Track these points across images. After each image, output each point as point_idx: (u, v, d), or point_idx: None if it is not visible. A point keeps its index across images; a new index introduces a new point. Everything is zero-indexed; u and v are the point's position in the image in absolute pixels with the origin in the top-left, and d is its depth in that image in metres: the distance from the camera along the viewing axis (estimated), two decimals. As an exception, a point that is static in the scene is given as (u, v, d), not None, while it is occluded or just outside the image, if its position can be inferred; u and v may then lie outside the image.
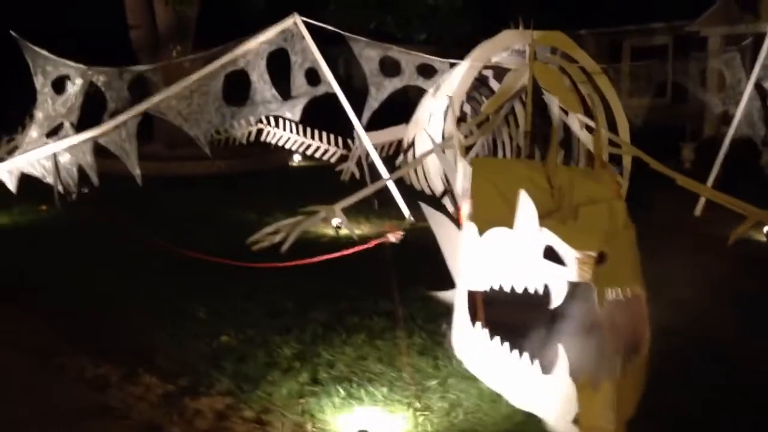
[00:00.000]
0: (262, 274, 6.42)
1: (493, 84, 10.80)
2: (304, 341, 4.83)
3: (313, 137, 15.90)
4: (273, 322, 5.25)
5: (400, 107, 11.89)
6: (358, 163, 11.56)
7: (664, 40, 20.86)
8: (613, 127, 9.51)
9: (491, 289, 4.06)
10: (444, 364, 4.39)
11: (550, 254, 3.72)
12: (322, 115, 11.64)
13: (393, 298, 5.59)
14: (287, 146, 15.76)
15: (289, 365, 4.41)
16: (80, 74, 10.85)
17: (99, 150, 10.07)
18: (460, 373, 4.24)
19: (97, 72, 11.01)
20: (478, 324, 4.09)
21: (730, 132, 10.41)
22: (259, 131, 15.97)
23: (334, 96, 10.20)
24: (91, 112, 10.96)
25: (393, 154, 16.44)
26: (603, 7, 20.57)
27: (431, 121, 10.30)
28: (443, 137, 10.07)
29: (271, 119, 15.13)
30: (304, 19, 9.77)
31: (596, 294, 3.49)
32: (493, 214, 4.38)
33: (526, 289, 3.89)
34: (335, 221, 8.56)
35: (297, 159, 18.06)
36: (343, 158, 15.93)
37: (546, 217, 4.16)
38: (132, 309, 5.64)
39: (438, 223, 5.77)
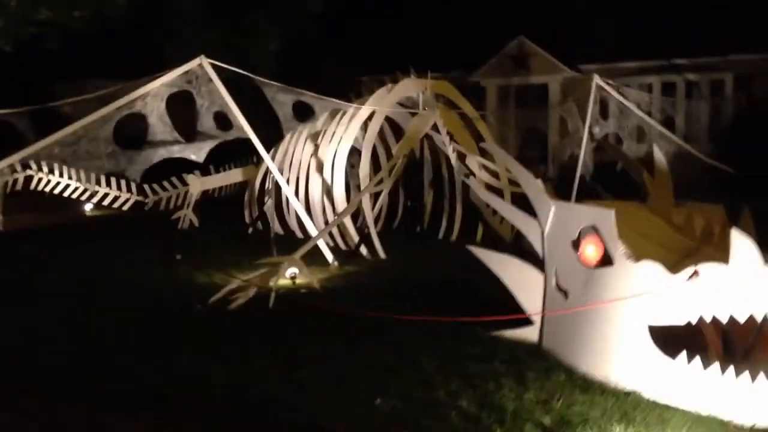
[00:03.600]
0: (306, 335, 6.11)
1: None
2: (468, 395, 4.68)
3: (99, 183, 14.67)
4: (396, 381, 4.97)
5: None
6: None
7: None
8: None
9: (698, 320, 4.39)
10: (623, 398, 4.58)
11: None
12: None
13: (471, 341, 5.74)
14: (66, 194, 14.39)
15: (497, 418, 4.28)
16: None
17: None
18: (649, 403, 4.48)
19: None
20: (683, 355, 4.39)
21: (579, 169, 11.97)
22: (28, 179, 14.39)
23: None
24: None
25: (224, 196, 15.82)
26: (382, 55, 21.91)
27: (329, 167, 10.26)
28: (357, 183, 10.16)
29: (44, 165, 13.79)
30: (211, 61, 9.19)
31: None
32: (644, 253, 4.77)
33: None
34: (290, 271, 8.18)
35: (89, 208, 16.52)
36: (137, 205, 14.93)
37: (688, 254, 4.67)
38: (215, 380, 4.96)
39: (505, 264, 5.97)
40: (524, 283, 5.79)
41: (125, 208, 15.14)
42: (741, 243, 4.19)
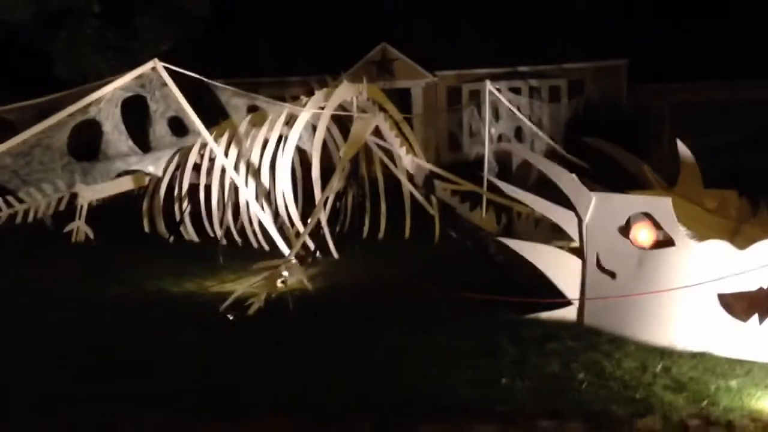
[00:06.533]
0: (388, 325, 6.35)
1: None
2: (578, 369, 5.21)
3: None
4: (497, 363, 5.38)
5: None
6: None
7: (299, 92, 22.93)
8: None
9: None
10: (701, 358, 5.35)
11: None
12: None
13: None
14: None
15: (623, 384, 4.87)
16: None
17: None
18: (723, 359, 5.31)
19: None
20: (755, 317, 5.28)
21: (486, 167, 12.93)
22: None
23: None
24: None
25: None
26: (240, 61, 21.71)
27: (275, 170, 10.27)
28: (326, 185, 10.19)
29: None
30: (165, 64, 8.82)
31: None
32: (699, 234, 5.63)
33: None
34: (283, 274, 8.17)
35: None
36: (11, 218, 13.64)
37: (735, 233, 5.60)
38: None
39: (541, 252, 6.58)
40: (562, 269, 6.43)
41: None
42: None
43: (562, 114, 20.83)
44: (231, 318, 6.74)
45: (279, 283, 8.13)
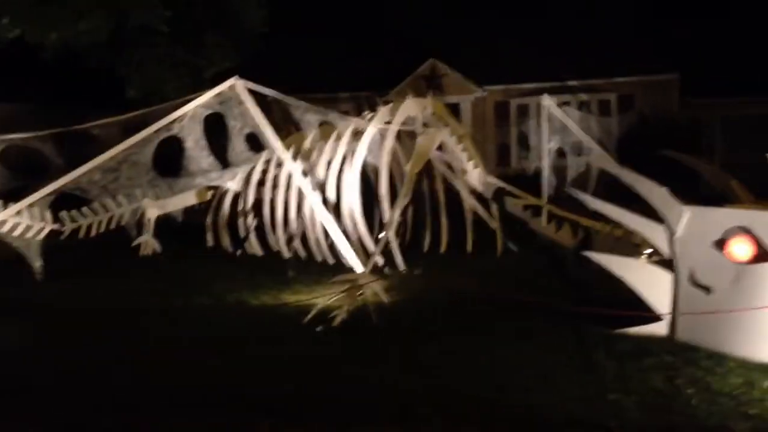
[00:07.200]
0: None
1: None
2: (683, 385, 5.21)
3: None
4: (595, 378, 5.39)
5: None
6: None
7: (350, 108, 23.25)
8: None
9: None
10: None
11: None
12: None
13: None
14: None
15: (737, 401, 4.85)
16: None
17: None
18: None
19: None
20: None
21: (545, 182, 12.93)
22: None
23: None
24: None
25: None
26: (288, 78, 21.99)
27: (342, 187, 10.38)
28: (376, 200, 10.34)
29: None
30: (245, 82, 9.03)
31: None
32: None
33: None
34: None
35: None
36: (54, 234, 13.87)
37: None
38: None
39: (630, 267, 6.57)
40: (652, 283, 6.41)
41: (38, 237, 13.93)
42: None
43: (613, 128, 20.71)
44: (319, 330, 6.85)
45: (358, 296, 8.26)
